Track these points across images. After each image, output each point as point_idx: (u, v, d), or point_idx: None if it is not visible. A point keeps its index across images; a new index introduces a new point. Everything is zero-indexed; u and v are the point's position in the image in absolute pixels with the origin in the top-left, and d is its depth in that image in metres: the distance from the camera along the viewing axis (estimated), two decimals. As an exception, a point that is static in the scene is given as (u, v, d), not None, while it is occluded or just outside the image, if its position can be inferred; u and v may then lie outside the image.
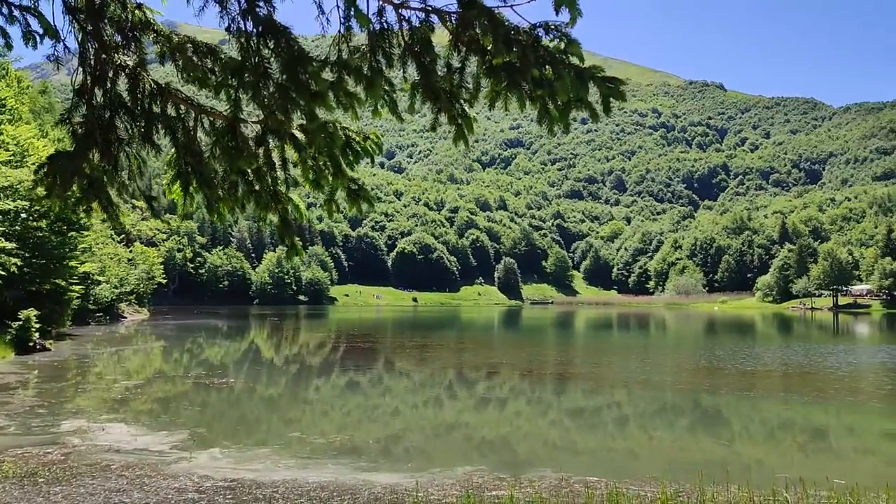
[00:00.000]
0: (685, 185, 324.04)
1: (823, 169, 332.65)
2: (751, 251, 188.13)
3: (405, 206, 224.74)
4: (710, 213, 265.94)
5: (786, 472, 12.29)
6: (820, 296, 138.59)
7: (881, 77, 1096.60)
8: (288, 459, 13.39)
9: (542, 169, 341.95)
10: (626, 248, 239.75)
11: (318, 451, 14.32)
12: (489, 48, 4.37)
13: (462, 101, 4.91)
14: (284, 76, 4.79)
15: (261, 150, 5.31)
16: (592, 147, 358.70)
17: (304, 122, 5.06)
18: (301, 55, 4.76)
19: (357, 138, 5.46)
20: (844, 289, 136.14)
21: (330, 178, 5.47)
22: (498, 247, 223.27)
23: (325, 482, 11.51)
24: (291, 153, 5.42)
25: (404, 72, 4.87)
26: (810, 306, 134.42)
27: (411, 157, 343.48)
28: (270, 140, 5.33)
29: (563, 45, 4.43)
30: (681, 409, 20.83)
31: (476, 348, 43.73)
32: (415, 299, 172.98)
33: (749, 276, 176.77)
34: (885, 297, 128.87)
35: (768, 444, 16.31)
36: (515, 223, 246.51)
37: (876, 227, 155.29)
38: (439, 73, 4.83)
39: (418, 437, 16.60)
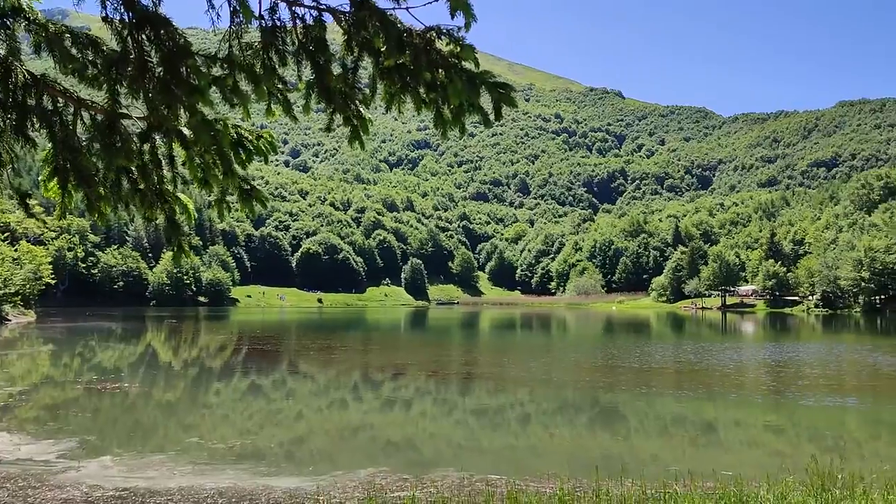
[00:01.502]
0: (585, 188, 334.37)
1: (713, 175, 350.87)
2: (646, 253, 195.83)
3: (310, 206, 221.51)
4: (609, 216, 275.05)
5: (677, 465, 12.84)
6: (710, 296, 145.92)
7: (766, 90, 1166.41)
8: (184, 466, 12.96)
9: (449, 171, 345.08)
10: (529, 250, 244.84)
11: (218, 456, 13.94)
12: (383, 49, 4.32)
13: (357, 102, 4.83)
14: (162, 69, 4.57)
15: (146, 147, 5.06)
16: (498, 150, 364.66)
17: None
18: (182, 48, 4.55)
19: (250, 137, 5.28)
20: (732, 289, 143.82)
21: (220, 178, 5.27)
22: (405, 247, 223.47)
23: (223, 488, 11.22)
24: (180, 151, 5.19)
25: (299, 71, 4.76)
26: (701, 306, 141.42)
27: (317, 156, 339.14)
28: (157, 137, 5.09)
29: (457, 50, 4.42)
30: (580, 407, 21.43)
31: (382, 349, 43.59)
32: (320, 300, 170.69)
33: (645, 276, 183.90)
34: (768, 297, 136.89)
35: (662, 438, 17.01)
36: (422, 224, 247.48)
37: (760, 231, 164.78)
38: (335, 73, 4.74)
39: (322, 440, 16.40)
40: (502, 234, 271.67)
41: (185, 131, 4.99)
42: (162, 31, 4.48)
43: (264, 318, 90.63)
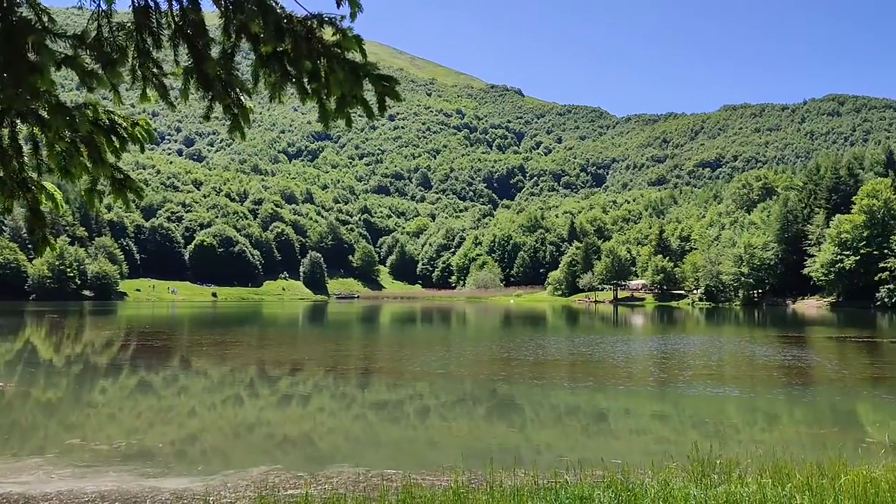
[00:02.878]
0: (486, 184, 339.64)
1: (607, 173, 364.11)
2: (543, 248, 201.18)
3: (205, 197, 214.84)
4: (508, 211, 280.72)
5: (569, 454, 13.22)
6: (603, 289, 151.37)
7: (656, 92, 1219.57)
8: (64, 469, 12.30)
9: (350, 163, 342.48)
10: (430, 244, 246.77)
11: (101, 457, 13.30)
12: (262, 35, 4.16)
13: (238, 89, 4.63)
14: (1, 45, 4.20)
15: (5, 132, 4.65)
16: (400, 144, 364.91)
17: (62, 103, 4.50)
18: (25, 23, 4.18)
19: (124, 123, 4.97)
20: (623, 283, 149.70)
21: (89, 166, 4.93)
22: (304, 240, 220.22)
23: (105, 491, 10.71)
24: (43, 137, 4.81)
25: (175, 55, 4.51)
26: (594, 299, 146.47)
27: (212, 146, 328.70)
28: (17, 121, 4.70)
29: (341, 39, 4.30)
30: (478, 399, 21.71)
31: (278, 345, 42.76)
32: (214, 295, 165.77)
33: (542, 271, 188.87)
34: (656, 290, 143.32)
35: (555, 428, 17.47)
36: (322, 217, 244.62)
37: (650, 228, 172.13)
38: (215, 58, 4.52)
39: (214, 438, 15.90)
40: (404, 228, 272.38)
41: (47, 116, 4.65)
42: (6, 3, 4.12)
43: (154, 313, 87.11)
